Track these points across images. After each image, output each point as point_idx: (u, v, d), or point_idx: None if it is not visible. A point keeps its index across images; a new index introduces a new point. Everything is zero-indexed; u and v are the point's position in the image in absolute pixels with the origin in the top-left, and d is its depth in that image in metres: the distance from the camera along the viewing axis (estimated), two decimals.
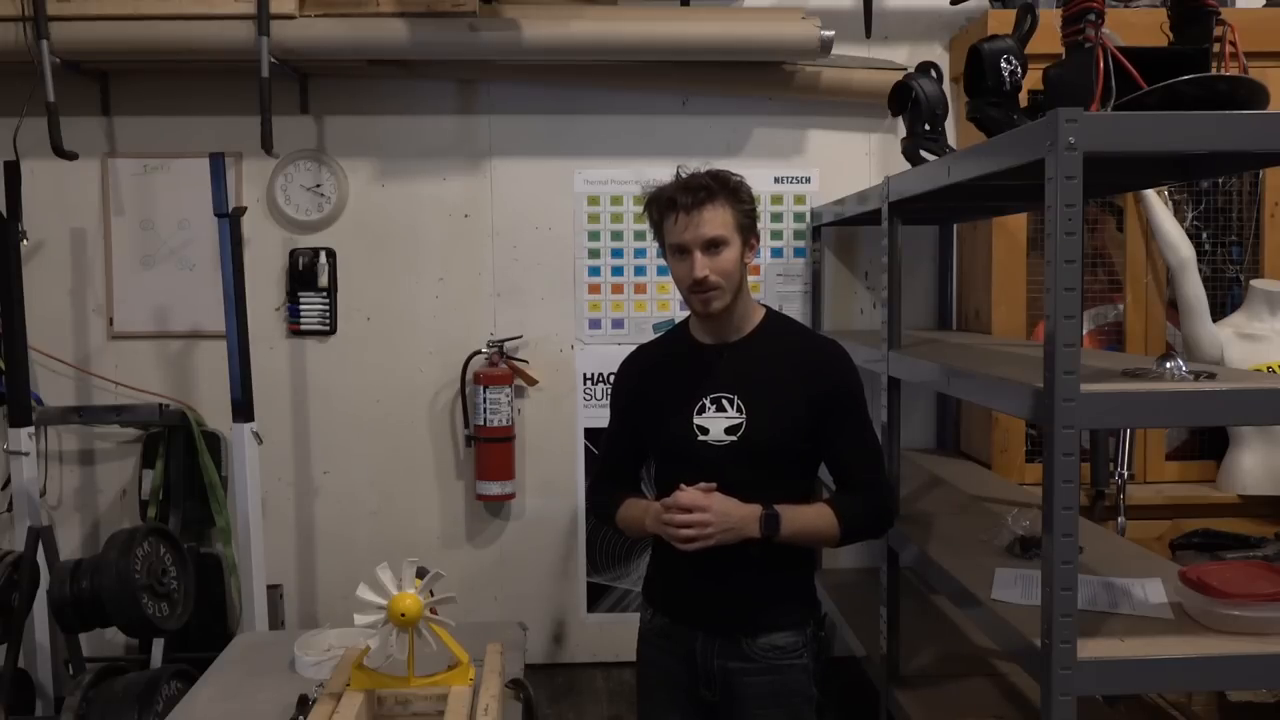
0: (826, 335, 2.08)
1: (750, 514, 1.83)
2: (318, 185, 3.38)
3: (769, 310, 2.01)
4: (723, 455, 1.88)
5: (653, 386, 2.02)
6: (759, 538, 1.83)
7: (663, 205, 1.90)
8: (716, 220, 1.86)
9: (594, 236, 3.45)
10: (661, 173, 1.94)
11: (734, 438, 1.89)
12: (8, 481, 3.15)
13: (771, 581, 1.94)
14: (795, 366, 1.92)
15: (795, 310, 3.43)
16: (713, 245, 1.86)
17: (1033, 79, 1.97)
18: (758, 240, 1.96)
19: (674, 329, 2.10)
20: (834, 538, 1.91)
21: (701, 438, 1.91)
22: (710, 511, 1.81)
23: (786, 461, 1.92)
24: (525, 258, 3.45)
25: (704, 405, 1.92)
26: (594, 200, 3.44)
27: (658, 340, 2.14)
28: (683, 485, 1.84)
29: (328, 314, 3.41)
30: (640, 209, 3.35)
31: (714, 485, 1.84)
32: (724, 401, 1.91)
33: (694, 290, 1.88)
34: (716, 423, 1.90)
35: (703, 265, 1.85)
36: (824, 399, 1.90)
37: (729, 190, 1.88)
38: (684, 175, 1.91)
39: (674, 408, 1.95)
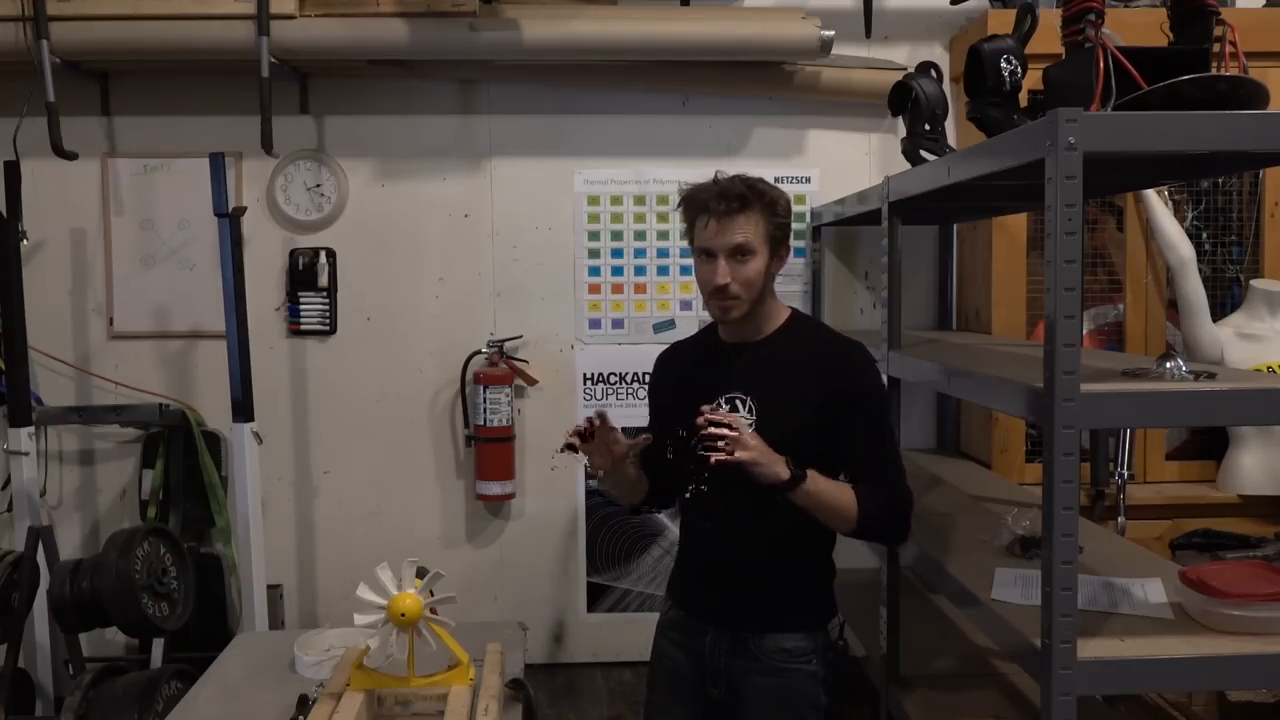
0: (851, 338, 2.07)
1: (780, 457, 1.80)
2: (318, 185, 3.38)
3: (795, 312, 2.02)
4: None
5: (678, 383, 2.06)
6: (785, 481, 1.78)
7: (696, 208, 1.91)
8: (747, 229, 1.87)
9: (594, 236, 3.45)
10: (661, 173, 1.95)
11: None
12: (8, 481, 3.15)
13: (784, 582, 1.95)
14: (811, 368, 1.92)
15: None
16: (739, 253, 1.87)
17: (1033, 79, 1.97)
18: (788, 251, 1.97)
19: (707, 327, 2.12)
20: (851, 520, 1.87)
21: None
22: (749, 437, 1.76)
23: (797, 462, 1.89)
24: (525, 258, 3.45)
25: (719, 404, 1.93)
26: (594, 200, 3.44)
27: (691, 337, 2.17)
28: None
29: (328, 314, 3.41)
30: (641, 208, 3.43)
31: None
32: (738, 401, 1.93)
33: (714, 296, 1.90)
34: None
35: (725, 273, 1.87)
36: (837, 401, 1.89)
37: (765, 201, 1.89)
38: (723, 180, 1.91)
39: (693, 405, 1.96)
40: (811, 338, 2.00)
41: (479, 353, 3.38)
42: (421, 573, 1.84)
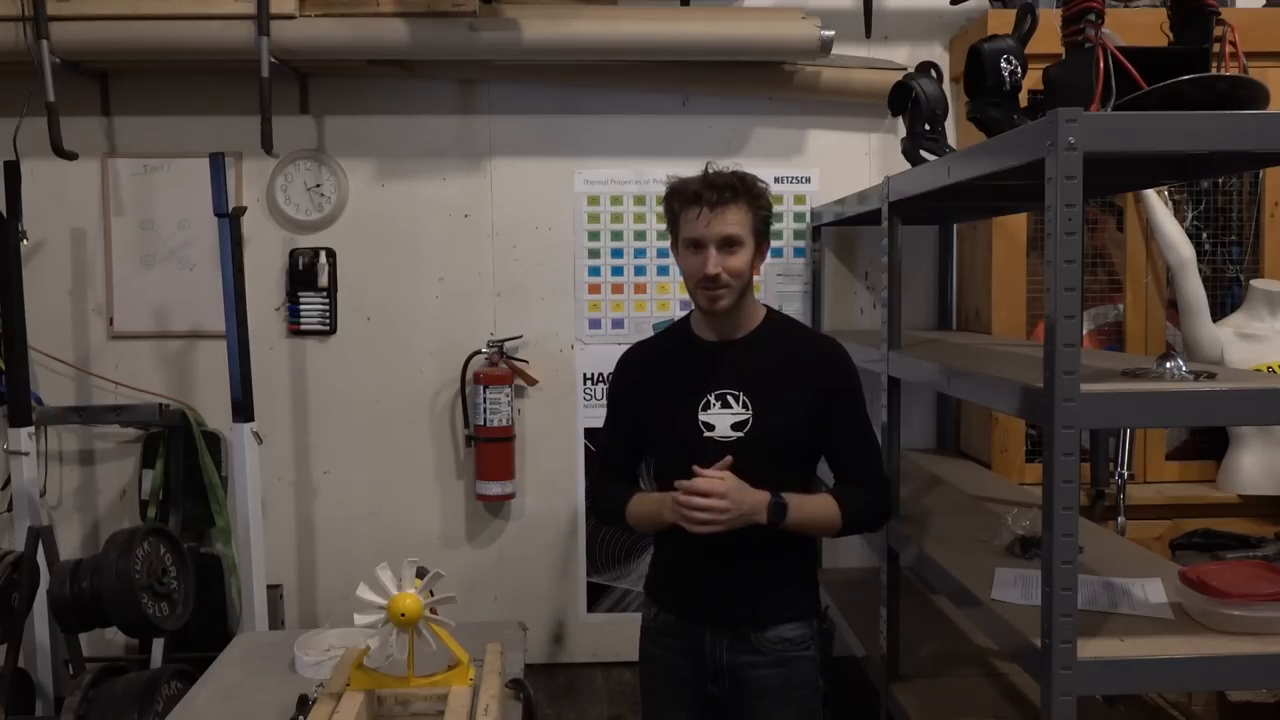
0: (827, 334, 2.12)
1: (760, 500, 1.87)
2: (318, 185, 3.38)
3: (770, 309, 2.05)
4: (728, 451, 1.90)
5: (654, 383, 2.04)
6: (765, 524, 1.87)
7: (686, 198, 1.91)
8: (737, 220, 1.89)
9: (594, 236, 3.45)
10: (662, 173, 1.95)
11: (740, 433, 1.92)
12: (8, 481, 3.15)
13: (778, 575, 1.98)
14: (800, 363, 1.96)
15: (795, 310, 3.43)
16: (728, 244, 1.89)
17: (1033, 79, 1.98)
18: (768, 246, 1.99)
19: (673, 326, 2.12)
20: (835, 528, 1.96)
21: (707, 434, 1.93)
22: (727, 498, 1.83)
23: (791, 456, 1.96)
24: (525, 258, 3.45)
25: (709, 401, 1.94)
26: (594, 200, 3.44)
27: (656, 337, 2.16)
28: (696, 468, 1.86)
29: (328, 314, 3.41)
30: (641, 208, 3.42)
31: (729, 460, 1.87)
32: (729, 398, 1.94)
33: (703, 286, 1.91)
34: (722, 419, 1.93)
35: (716, 262, 1.88)
36: (828, 395, 1.95)
37: (752, 194, 1.91)
38: (711, 172, 1.93)
39: (678, 404, 1.97)
40: (794, 336, 2.04)
41: (479, 353, 3.38)
42: (421, 573, 1.84)
